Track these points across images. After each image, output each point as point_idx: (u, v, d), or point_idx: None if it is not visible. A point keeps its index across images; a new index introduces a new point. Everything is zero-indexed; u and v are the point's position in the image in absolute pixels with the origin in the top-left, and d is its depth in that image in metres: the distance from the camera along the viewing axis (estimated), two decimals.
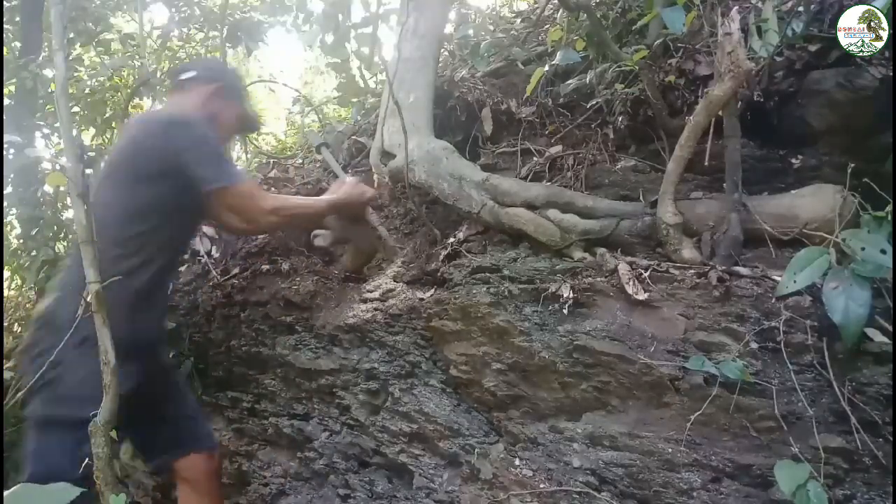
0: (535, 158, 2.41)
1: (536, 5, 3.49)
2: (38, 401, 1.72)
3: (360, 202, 2.22)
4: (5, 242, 4.49)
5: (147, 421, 1.97)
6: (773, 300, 1.51)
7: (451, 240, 2.19)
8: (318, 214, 2.18)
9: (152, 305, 1.91)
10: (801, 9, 1.79)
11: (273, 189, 3.20)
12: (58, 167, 3.74)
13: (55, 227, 4.55)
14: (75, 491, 0.96)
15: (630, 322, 1.65)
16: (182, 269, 3.03)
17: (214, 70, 2.03)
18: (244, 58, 6.45)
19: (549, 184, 2.20)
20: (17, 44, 5.26)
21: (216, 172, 1.82)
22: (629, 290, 1.66)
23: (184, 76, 2.01)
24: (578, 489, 1.62)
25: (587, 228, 1.88)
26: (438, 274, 2.11)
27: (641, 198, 2.00)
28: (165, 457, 2.06)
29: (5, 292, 4.81)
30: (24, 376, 1.80)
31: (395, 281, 2.27)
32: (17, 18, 5.27)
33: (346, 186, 2.19)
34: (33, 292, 4.47)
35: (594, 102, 2.33)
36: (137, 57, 5.26)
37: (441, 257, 2.16)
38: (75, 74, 5.02)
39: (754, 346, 1.49)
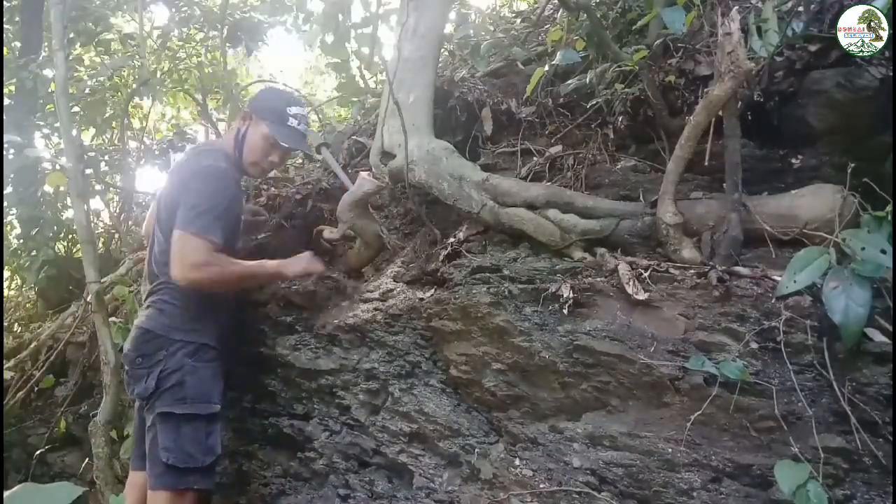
0: (535, 158, 2.41)
1: (536, 5, 3.49)
2: (167, 401, 2.03)
3: (306, 277, 2.34)
4: (5, 242, 4.50)
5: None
6: (773, 300, 1.51)
7: (451, 240, 2.19)
8: (254, 278, 2.27)
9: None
10: (801, 9, 1.79)
11: (273, 189, 3.20)
12: (58, 167, 3.73)
13: (55, 227, 4.55)
14: (77, 490, 0.96)
15: (630, 322, 1.65)
16: None
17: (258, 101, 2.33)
18: (244, 58, 6.45)
19: (549, 184, 2.19)
20: (17, 44, 5.27)
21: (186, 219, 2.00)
22: (629, 290, 1.66)
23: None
24: (578, 489, 1.62)
25: (587, 228, 1.88)
26: (438, 274, 2.10)
27: (641, 198, 1.99)
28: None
29: (5, 292, 4.81)
30: (134, 380, 2.10)
31: (395, 281, 2.26)
32: (17, 18, 5.28)
33: (300, 263, 2.27)
34: (33, 292, 4.47)
35: (594, 102, 2.33)
36: (137, 57, 5.26)
37: (441, 257, 2.16)
38: (75, 74, 5.02)
39: (754, 346, 1.49)
